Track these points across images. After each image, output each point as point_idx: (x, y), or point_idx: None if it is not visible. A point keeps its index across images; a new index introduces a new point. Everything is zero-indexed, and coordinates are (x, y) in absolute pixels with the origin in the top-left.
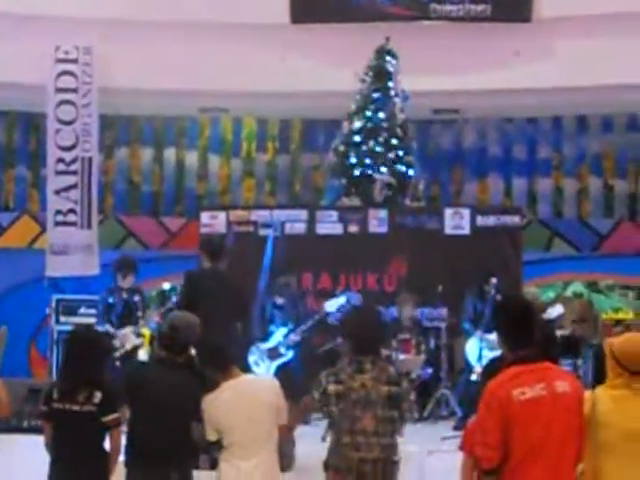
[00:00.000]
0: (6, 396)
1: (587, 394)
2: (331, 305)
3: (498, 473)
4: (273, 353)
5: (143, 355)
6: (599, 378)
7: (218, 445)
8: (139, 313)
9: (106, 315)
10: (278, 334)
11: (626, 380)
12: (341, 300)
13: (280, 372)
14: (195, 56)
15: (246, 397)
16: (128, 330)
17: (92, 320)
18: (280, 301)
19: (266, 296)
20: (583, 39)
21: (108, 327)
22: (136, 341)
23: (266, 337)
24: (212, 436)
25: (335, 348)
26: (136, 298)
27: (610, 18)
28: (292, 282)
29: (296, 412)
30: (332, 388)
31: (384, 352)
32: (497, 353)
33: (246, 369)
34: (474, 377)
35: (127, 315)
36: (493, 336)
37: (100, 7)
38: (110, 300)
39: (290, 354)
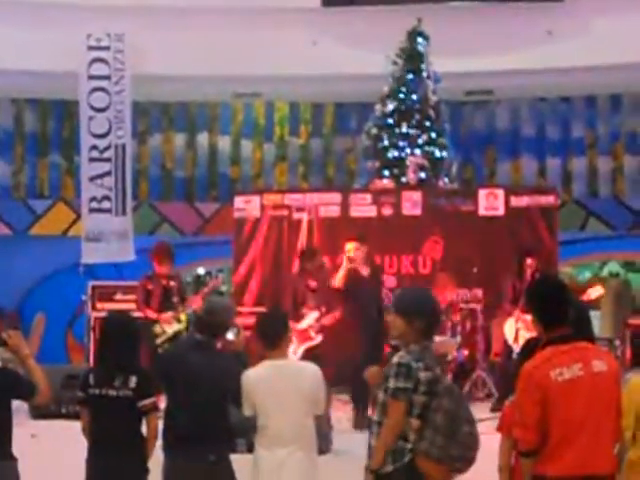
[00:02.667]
0: (45, 383)
1: (636, 379)
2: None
3: (536, 454)
4: (302, 335)
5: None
6: (637, 358)
7: (255, 429)
8: (177, 299)
9: (146, 301)
10: (309, 317)
11: None
12: None
13: (307, 355)
14: (227, 41)
15: (285, 381)
16: (169, 315)
17: (128, 306)
18: (313, 284)
19: (299, 279)
20: (616, 17)
21: (150, 312)
22: (177, 326)
23: (297, 319)
24: (248, 410)
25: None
26: (174, 284)
27: None
28: (325, 265)
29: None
30: (424, 375)
31: None
32: (534, 334)
33: None
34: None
35: (165, 301)
36: (529, 317)
37: None
38: (149, 286)
39: (319, 339)
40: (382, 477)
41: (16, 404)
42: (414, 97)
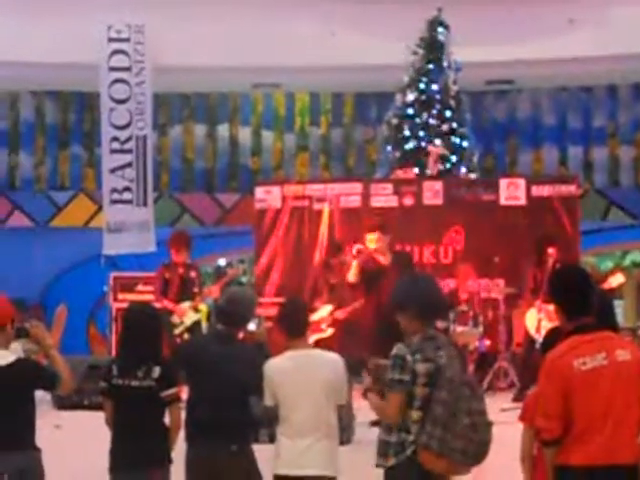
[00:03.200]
0: (69, 373)
1: None
2: None
3: (559, 444)
4: (313, 327)
5: (204, 330)
6: None
7: (277, 419)
8: (195, 289)
9: (163, 291)
10: (323, 310)
11: None
12: None
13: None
14: (246, 32)
15: (307, 370)
16: (186, 305)
17: (150, 297)
18: (333, 279)
19: (320, 272)
20: (636, 6)
21: (167, 303)
22: (195, 316)
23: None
24: (269, 401)
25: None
26: (192, 274)
27: None
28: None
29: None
30: (421, 367)
31: (441, 325)
32: (556, 323)
33: None
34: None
35: (184, 291)
36: (552, 307)
37: None
38: (166, 275)
39: (329, 332)
40: (386, 471)
41: (39, 395)
42: (434, 87)
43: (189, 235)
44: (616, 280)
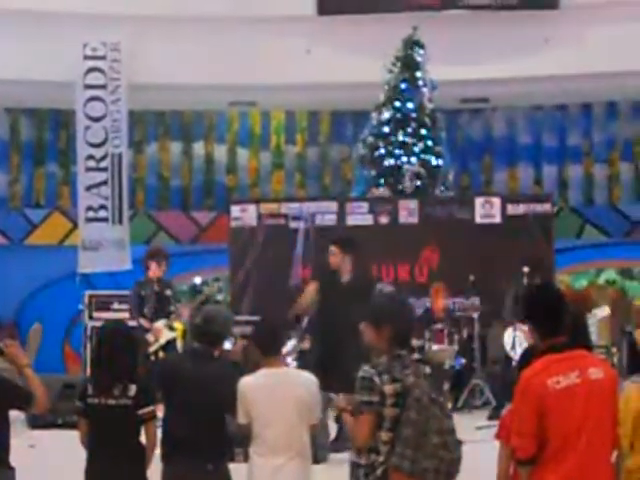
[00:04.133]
0: (43, 392)
1: (634, 387)
2: None
3: (534, 463)
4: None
5: (179, 349)
6: (634, 366)
7: (250, 437)
8: (172, 307)
9: (139, 308)
10: (288, 345)
11: None
12: None
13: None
14: (222, 50)
15: (281, 389)
16: (161, 324)
17: (125, 315)
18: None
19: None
20: (611, 25)
21: (142, 321)
22: (169, 335)
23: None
24: (243, 419)
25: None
26: (168, 292)
27: (638, 3)
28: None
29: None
30: (389, 388)
31: (417, 343)
32: (531, 342)
33: None
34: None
35: (159, 308)
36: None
37: (127, 4)
38: (142, 292)
39: (293, 364)
40: None
41: (13, 414)
42: (410, 105)
43: (166, 249)
44: (602, 312)
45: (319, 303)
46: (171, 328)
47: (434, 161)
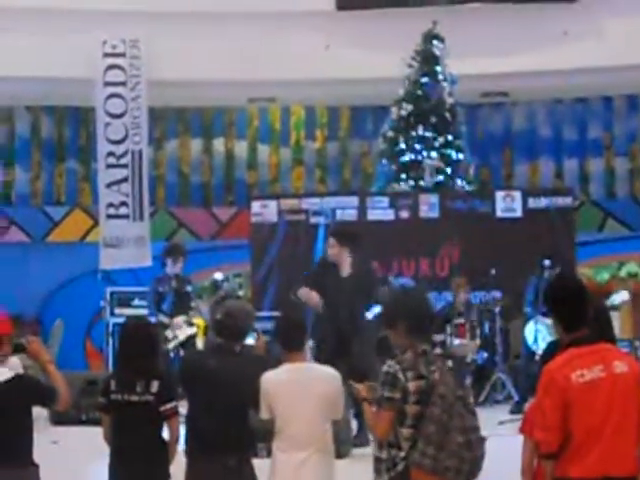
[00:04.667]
0: (66, 389)
1: None
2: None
3: (558, 456)
4: None
5: (199, 344)
6: None
7: (272, 432)
8: (192, 303)
9: (157, 305)
10: None
11: None
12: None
13: None
14: (241, 46)
15: (304, 385)
16: (180, 319)
17: (146, 311)
18: None
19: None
20: (631, 17)
21: (161, 317)
22: (189, 330)
23: None
24: (265, 414)
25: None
26: (188, 288)
27: None
28: None
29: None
30: (413, 385)
31: (438, 337)
32: (555, 337)
33: None
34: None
35: (178, 304)
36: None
37: (147, 0)
38: (160, 289)
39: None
40: None
41: (36, 411)
42: (430, 100)
43: (184, 246)
44: (620, 297)
45: (320, 298)
46: (190, 324)
47: (454, 155)
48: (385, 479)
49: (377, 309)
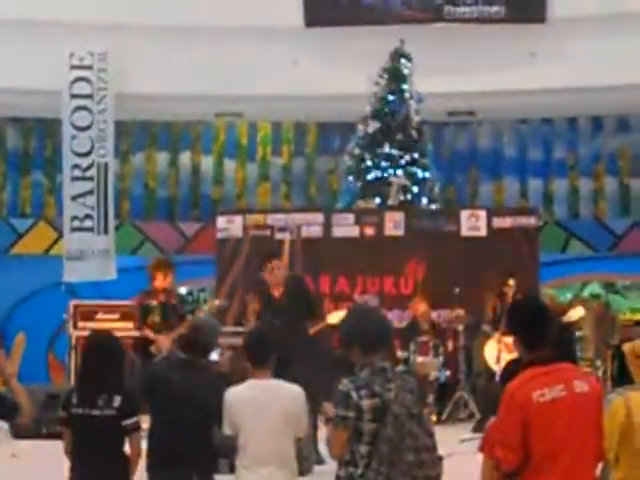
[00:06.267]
0: (28, 402)
1: (619, 400)
2: (333, 317)
3: (518, 475)
4: None
5: None
6: (622, 379)
7: (235, 449)
8: (177, 317)
9: (143, 319)
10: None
11: None
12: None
13: None
14: (209, 61)
15: (267, 401)
16: (166, 337)
17: (110, 325)
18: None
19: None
20: (598, 39)
21: (147, 332)
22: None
23: None
24: (228, 429)
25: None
26: (173, 301)
27: (624, 18)
28: None
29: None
30: (367, 403)
31: (401, 354)
32: (515, 355)
33: None
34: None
35: (165, 319)
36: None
37: (114, 13)
38: (146, 303)
39: None
40: None
41: None
42: (396, 117)
43: (172, 260)
44: (576, 314)
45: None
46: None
47: (420, 173)
48: None
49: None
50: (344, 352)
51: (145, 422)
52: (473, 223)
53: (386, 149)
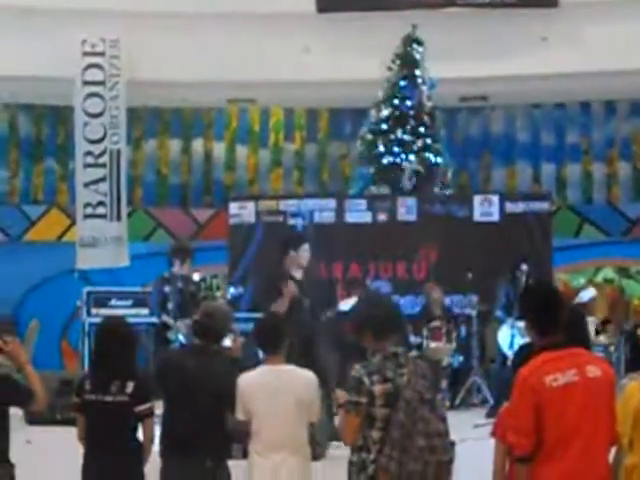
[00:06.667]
0: (43, 390)
1: (634, 385)
2: (345, 305)
3: (531, 460)
4: None
5: None
6: (634, 364)
7: (248, 434)
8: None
9: (161, 305)
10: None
11: None
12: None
13: None
14: (221, 47)
15: (280, 387)
16: (184, 323)
17: (123, 311)
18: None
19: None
20: (610, 23)
21: (165, 318)
22: None
23: None
24: (241, 415)
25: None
26: (192, 288)
27: (636, 2)
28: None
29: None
30: (379, 388)
31: (415, 340)
32: (528, 340)
33: None
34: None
35: (184, 306)
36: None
37: (127, 0)
38: (165, 289)
39: None
40: None
41: (11, 410)
42: (409, 103)
43: (191, 246)
44: (588, 294)
45: None
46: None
47: (433, 159)
48: None
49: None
50: (356, 338)
51: (159, 408)
52: (486, 208)
53: (398, 135)
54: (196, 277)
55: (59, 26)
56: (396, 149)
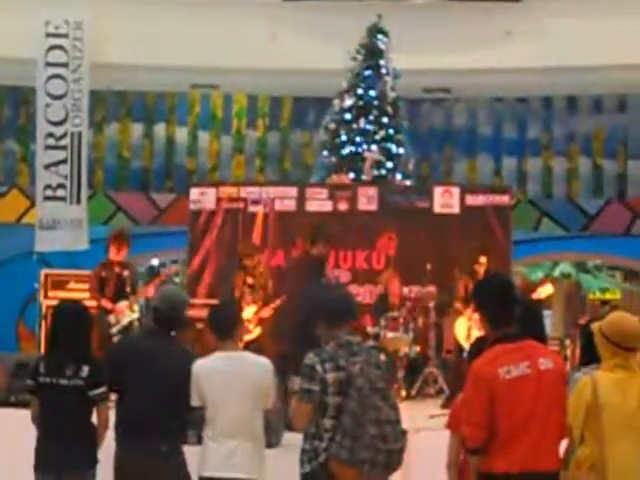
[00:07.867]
0: None
1: (586, 379)
2: None
3: (483, 451)
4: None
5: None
6: (587, 358)
7: (203, 420)
8: (128, 288)
9: (100, 290)
10: (247, 311)
11: (622, 359)
12: None
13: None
14: (186, 32)
15: (236, 373)
16: (123, 304)
17: (81, 295)
18: (250, 281)
19: (238, 276)
20: (573, 19)
21: (104, 302)
22: (131, 316)
23: None
24: (195, 401)
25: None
26: (125, 273)
27: None
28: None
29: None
30: (331, 376)
31: (372, 330)
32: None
33: None
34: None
35: (120, 290)
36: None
37: None
38: (103, 274)
39: (257, 331)
40: (301, 477)
41: None
42: (372, 93)
43: (129, 233)
44: (545, 291)
45: None
46: (132, 309)
47: (395, 149)
48: (307, 470)
49: None
50: (310, 326)
51: (114, 393)
52: (446, 200)
53: (361, 124)
54: (155, 262)
55: (23, 7)
56: (358, 139)
